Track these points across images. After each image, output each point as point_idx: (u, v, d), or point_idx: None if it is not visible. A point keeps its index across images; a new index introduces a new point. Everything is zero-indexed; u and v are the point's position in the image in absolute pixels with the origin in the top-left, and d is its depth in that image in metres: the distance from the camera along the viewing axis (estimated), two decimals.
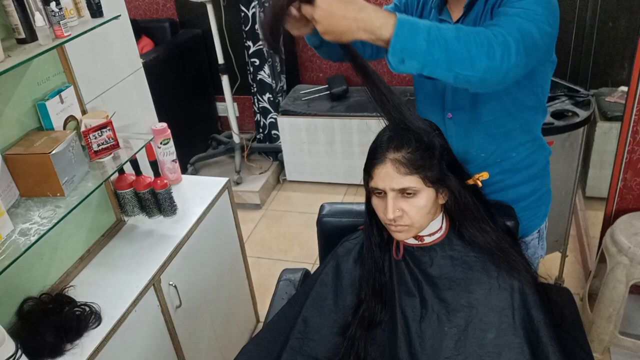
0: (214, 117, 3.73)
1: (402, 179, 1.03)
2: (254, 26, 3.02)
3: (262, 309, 2.28)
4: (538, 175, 1.40)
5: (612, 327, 1.96)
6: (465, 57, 0.96)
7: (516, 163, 1.35)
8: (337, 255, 1.24)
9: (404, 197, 1.05)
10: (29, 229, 1.22)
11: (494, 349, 1.08)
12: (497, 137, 1.30)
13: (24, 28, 1.22)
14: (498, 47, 0.98)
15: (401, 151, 1.04)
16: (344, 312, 1.18)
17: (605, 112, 2.58)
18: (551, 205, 1.50)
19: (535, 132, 1.36)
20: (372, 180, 1.07)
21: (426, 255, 1.15)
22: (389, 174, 1.04)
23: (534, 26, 1.06)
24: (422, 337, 1.10)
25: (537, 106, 1.32)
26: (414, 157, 1.03)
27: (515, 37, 1.01)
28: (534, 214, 1.43)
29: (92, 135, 1.41)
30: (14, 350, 1.12)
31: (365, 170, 1.09)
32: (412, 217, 1.06)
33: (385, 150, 1.05)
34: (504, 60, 0.99)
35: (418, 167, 1.03)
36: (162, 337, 1.60)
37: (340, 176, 3.25)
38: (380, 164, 1.05)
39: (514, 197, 1.37)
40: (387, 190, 1.05)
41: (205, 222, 1.79)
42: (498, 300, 1.10)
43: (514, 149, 1.33)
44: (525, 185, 1.39)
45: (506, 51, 0.99)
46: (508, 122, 1.29)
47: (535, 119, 1.35)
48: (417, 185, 1.04)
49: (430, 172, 1.04)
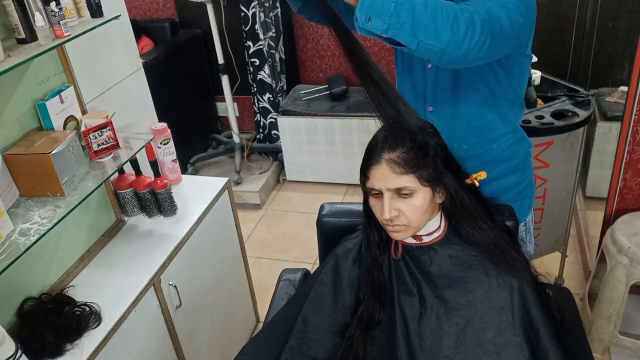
0: (214, 117, 3.73)
1: (397, 179, 1.04)
2: (254, 26, 3.02)
3: (262, 309, 2.28)
4: (519, 167, 1.43)
5: (612, 327, 1.96)
6: (430, 25, 0.98)
7: (497, 154, 1.38)
8: (336, 255, 1.24)
9: (400, 197, 1.05)
10: (29, 229, 1.22)
11: (494, 348, 1.08)
12: (478, 129, 1.33)
13: (24, 28, 1.22)
14: (463, 22, 1.00)
15: (396, 151, 1.04)
16: (343, 312, 1.19)
17: (605, 112, 2.58)
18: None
19: (514, 124, 1.40)
20: (368, 180, 1.08)
21: (425, 255, 1.15)
22: (384, 174, 1.04)
23: (504, 12, 1.08)
24: (421, 336, 1.10)
25: (514, 100, 1.35)
26: (409, 157, 1.04)
27: (482, 16, 1.03)
28: (518, 206, 1.45)
29: (92, 135, 1.41)
30: (14, 350, 1.12)
31: (361, 171, 1.10)
32: (409, 216, 1.07)
33: (380, 150, 1.05)
34: (467, 36, 1.00)
35: (413, 166, 1.04)
36: (162, 337, 1.60)
37: (340, 176, 3.25)
38: (376, 164, 1.05)
39: (497, 189, 1.39)
40: (383, 190, 1.05)
41: (205, 222, 1.79)
42: (497, 299, 1.10)
43: (494, 140, 1.36)
44: (508, 177, 1.41)
45: (470, 27, 1.01)
46: (488, 112, 1.32)
47: (514, 112, 1.38)
48: (413, 184, 1.04)
49: (425, 171, 1.05)
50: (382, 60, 3.23)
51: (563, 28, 2.84)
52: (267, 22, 3.07)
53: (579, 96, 2.10)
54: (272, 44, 3.15)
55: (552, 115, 2.01)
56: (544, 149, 2.00)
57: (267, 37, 3.09)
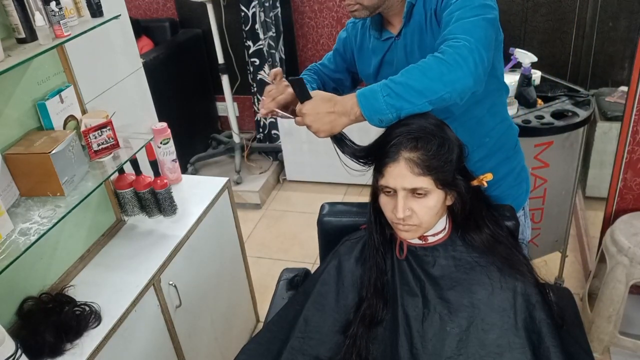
0: (214, 116, 3.73)
1: (414, 179, 1.02)
2: (254, 26, 3.02)
3: (262, 309, 2.28)
4: (510, 154, 1.46)
5: (612, 327, 1.96)
6: (425, 85, 1.03)
7: (491, 147, 1.40)
8: (339, 254, 1.24)
9: (414, 197, 1.04)
10: (29, 228, 1.22)
11: (496, 349, 1.08)
12: (470, 127, 1.34)
13: (24, 28, 1.22)
14: (449, 58, 1.04)
15: (417, 152, 1.03)
16: (346, 310, 1.18)
17: (605, 112, 2.58)
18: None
19: (502, 114, 1.43)
20: (382, 177, 1.06)
21: (429, 255, 1.15)
22: (401, 173, 1.03)
23: (481, 20, 1.10)
24: (424, 336, 1.10)
25: (500, 87, 1.38)
26: (431, 160, 1.02)
27: (463, 38, 1.06)
28: (516, 191, 1.48)
29: (92, 135, 1.41)
30: (14, 349, 1.12)
31: (377, 168, 1.07)
32: (421, 217, 1.06)
33: (400, 148, 1.03)
34: (462, 64, 1.03)
35: (432, 169, 1.02)
36: (162, 337, 1.60)
37: (340, 176, 3.24)
38: (394, 162, 1.03)
39: (496, 179, 1.39)
40: (398, 189, 1.04)
41: (205, 222, 1.79)
42: (500, 301, 1.10)
43: (486, 134, 1.38)
44: (502, 165, 1.43)
45: (459, 57, 1.04)
46: (477, 110, 1.33)
47: (501, 101, 1.41)
48: (429, 186, 1.03)
49: (442, 175, 1.04)
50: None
51: (563, 28, 2.84)
52: (267, 22, 3.07)
53: (579, 96, 2.10)
54: (272, 44, 3.15)
55: (552, 115, 2.01)
56: (544, 149, 1.99)
57: (267, 37, 3.09)
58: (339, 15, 3.20)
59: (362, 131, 1.23)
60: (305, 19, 3.27)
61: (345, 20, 3.19)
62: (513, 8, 2.86)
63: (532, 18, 2.86)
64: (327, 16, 3.22)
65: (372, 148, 1.11)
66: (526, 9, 2.85)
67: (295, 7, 3.25)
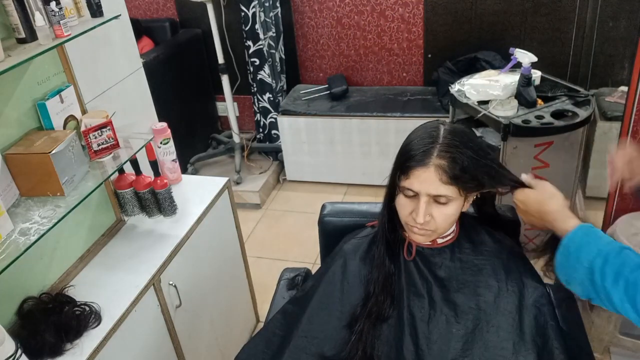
0: (214, 116, 3.73)
1: (441, 187, 1.01)
2: (254, 26, 3.02)
3: (262, 309, 2.28)
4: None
5: (612, 327, 1.96)
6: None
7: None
8: (344, 254, 1.23)
9: (435, 203, 1.03)
10: (29, 228, 1.22)
11: (501, 352, 1.08)
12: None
13: (24, 28, 1.22)
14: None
15: (450, 161, 1.00)
16: (350, 308, 1.18)
17: (605, 112, 2.58)
18: None
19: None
20: (407, 179, 1.03)
21: (436, 257, 1.15)
22: (429, 179, 1.01)
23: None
24: (430, 338, 1.10)
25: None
26: (462, 173, 1.01)
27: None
28: None
29: (92, 135, 1.41)
30: (14, 349, 1.12)
31: (401, 168, 1.04)
32: (439, 223, 1.06)
33: (431, 153, 1.01)
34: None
35: (459, 180, 1.01)
36: (162, 337, 1.60)
37: (340, 176, 3.25)
38: (423, 166, 1.01)
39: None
40: (422, 194, 1.02)
41: (205, 222, 1.79)
42: (506, 304, 1.10)
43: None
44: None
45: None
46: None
47: None
48: (453, 194, 1.03)
49: (468, 186, 1.03)
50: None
51: (563, 28, 2.84)
52: (267, 21, 3.07)
53: (579, 96, 2.10)
54: (272, 44, 3.15)
55: (552, 115, 2.01)
56: (544, 149, 2.00)
57: (267, 36, 3.09)
58: (339, 15, 3.20)
59: (362, 132, 1.22)
60: (305, 19, 3.27)
61: (345, 20, 3.19)
62: (513, 8, 2.86)
63: (532, 18, 2.86)
64: (327, 16, 3.22)
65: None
66: (526, 9, 2.85)
67: (295, 7, 3.25)
